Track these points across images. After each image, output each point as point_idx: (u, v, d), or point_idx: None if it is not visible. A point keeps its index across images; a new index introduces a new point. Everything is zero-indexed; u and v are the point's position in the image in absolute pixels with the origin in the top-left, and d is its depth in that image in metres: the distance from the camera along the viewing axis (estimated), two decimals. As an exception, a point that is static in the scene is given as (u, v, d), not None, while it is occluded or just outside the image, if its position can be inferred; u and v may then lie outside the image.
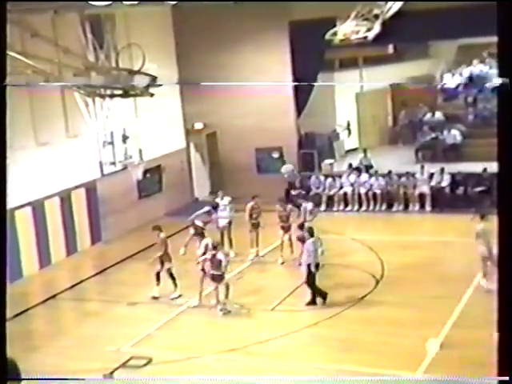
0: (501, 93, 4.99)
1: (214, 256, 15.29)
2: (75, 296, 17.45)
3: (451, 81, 26.45)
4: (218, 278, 15.26)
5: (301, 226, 16.74)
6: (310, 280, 15.16)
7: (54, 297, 17.32)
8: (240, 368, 12.85)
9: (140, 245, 18.90)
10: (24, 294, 17.41)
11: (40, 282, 18.79)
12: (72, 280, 18.43)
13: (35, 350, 14.17)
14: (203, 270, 15.54)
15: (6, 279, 5.82)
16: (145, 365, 13.23)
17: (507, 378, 4.91)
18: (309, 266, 15.10)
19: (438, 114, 25.60)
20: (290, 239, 18.03)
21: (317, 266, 15.23)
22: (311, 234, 15.45)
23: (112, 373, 12.87)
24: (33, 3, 14.77)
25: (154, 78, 15.75)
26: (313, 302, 15.31)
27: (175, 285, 16.21)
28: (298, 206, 19.07)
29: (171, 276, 16.19)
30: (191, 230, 17.15)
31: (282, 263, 18.13)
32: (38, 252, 19.20)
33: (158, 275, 16.19)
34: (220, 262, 15.24)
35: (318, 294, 15.30)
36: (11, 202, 18.01)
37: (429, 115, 25.85)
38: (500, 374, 4.98)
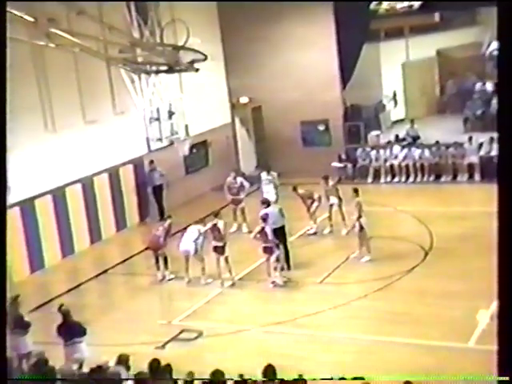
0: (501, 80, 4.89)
1: (263, 228, 15.34)
2: (126, 271, 17.75)
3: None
4: (268, 250, 15.30)
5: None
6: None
7: (105, 271, 17.65)
8: (288, 341, 12.95)
9: (187, 219, 18.99)
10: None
11: (93, 255, 19.14)
12: (123, 255, 18.76)
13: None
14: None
15: (5, 280, 5.91)
16: (196, 338, 13.43)
17: (507, 378, 4.88)
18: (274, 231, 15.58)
19: (488, 84, 25.07)
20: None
21: (277, 230, 15.79)
22: (268, 205, 16.45)
23: (164, 345, 13.11)
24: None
25: (198, 53, 15.73)
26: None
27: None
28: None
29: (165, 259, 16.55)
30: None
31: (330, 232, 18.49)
32: (88, 228, 19.51)
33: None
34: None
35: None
36: (62, 179, 18.39)
37: (479, 84, 25.34)
38: (500, 374, 4.95)
